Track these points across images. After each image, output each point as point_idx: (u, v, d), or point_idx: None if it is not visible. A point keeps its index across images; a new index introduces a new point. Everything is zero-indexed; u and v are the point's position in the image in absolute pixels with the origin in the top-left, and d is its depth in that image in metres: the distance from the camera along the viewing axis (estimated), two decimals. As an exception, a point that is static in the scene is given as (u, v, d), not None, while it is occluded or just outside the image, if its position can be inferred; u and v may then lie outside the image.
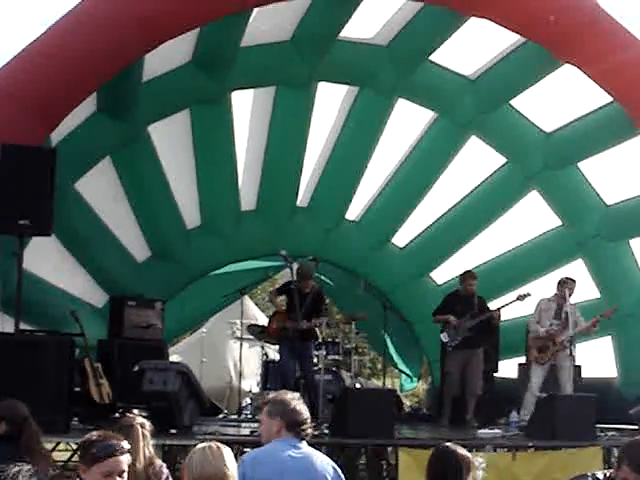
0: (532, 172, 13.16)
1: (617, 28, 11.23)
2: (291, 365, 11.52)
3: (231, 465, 3.84)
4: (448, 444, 4.90)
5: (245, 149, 12.82)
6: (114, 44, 9.69)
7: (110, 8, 9.77)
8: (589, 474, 4.31)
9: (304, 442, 4.95)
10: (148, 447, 5.33)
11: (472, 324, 11.98)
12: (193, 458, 3.89)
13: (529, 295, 12.11)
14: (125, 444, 4.03)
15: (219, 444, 3.96)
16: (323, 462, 4.94)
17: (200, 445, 3.96)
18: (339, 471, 4.96)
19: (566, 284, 11.76)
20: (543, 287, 13.00)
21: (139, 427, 5.31)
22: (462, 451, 4.73)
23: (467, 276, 12.33)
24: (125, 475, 3.97)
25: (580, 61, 11.31)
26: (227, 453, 3.89)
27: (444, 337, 12.14)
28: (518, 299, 12.11)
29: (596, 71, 11.31)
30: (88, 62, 9.63)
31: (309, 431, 5.00)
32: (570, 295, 11.74)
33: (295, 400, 5.01)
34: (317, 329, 12.05)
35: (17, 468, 1.59)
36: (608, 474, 4.23)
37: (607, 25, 11.19)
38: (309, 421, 5.01)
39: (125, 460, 4.05)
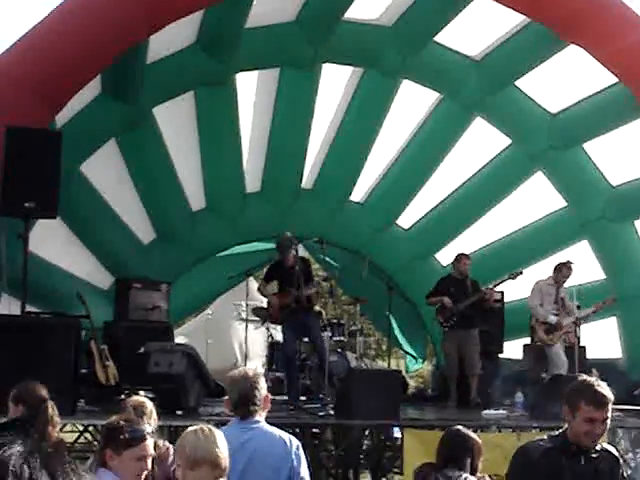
0: (537, 153, 13.14)
1: (623, 10, 11.20)
2: (295, 346, 11.51)
3: (223, 447, 3.84)
4: (460, 427, 4.93)
5: (250, 131, 12.82)
6: (119, 25, 9.68)
7: (114, -10, 9.76)
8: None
9: (257, 421, 4.82)
10: None
11: (465, 305, 12.00)
12: (185, 441, 3.89)
13: (521, 273, 12.13)
14: (148, 427, 4.05)
15: (210, 426, 3.96)
16: (273, 443, 4.81)
17: (191, 428, 3.96)
18: (293, 448, 4.81)
19: (564, 269, 11.77)
20: (545, 269, 13.03)
21: (131, 408, 5.30)
22: (473, 435, 4.77)
23: (460, 258, 12.35)
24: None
25: (586, 42, 11.27)
26: (219, 435, 3.89)
27: (439, 319, 12.17)
28: (510, 277, 12.14)
29: (602, 53, 11.28)
30: (93, 44, 9.62)
31: (254, 408, 4.81)
32: (566, 280, 11.78)
33: (243, 376, 4.89)
34: (323, 312, 12.02)
35: (10, 451, 1.58)
36: (556, 433, 4.37)
37: (613, 7, 11.16)
38: (257, 397, 4.82)
39: (152, 443, 4.09)
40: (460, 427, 4.98)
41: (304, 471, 4.84)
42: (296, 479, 4.81)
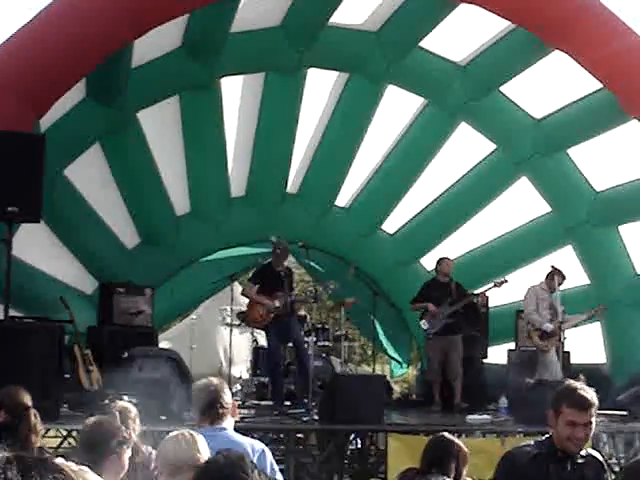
0: (521, 158, 13.16)
1: (608, 16, 11.22)
2: (280, 351, 11.52)
3: (204, 452, 3.82)
4: (445, 433, 4.93)
5: (235, 135, 12.80)
6: (103, 29, 9.65)
7: (99, -7, 9.73)
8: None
9: (223, 428, 4.80)
10: (130, 433, 5.25)
11: (450, 311, 11.99)
12: (165, 446, 3.87)
13: (506, 282, 12.15)
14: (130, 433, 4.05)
15: (192, 431, 3.94)
16: (237, 449, 4.80)
17: (172, 433, 3.94)
18: (255, 455, 4.74)
19: (557, 277, 11.75)
20: (530, 274, 13.06)
21: (117, 413, 5.26)
22: (458, 442, 4.77)
23: (442, 260, 12.35)
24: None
25: (571, 48, 11.29)
26: (200, 440, 3.87)
27: (423, 324, 12.13)
28: (495, 286, 12.16)
29: (587, 59, 11.30)
30: (77, 47, 9.59)
31: (222, 411, 4.81)
32: (559, 287, 11.79)
33: (208, 384, 4.89)
34: (307, 316, 12.00)
35: None
36: (543, 438, 4.37)
37: (598, 13, 11.18)
38: (223, 403, 4.82)
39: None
40: (446, 433, 4.98)
41: (271, 474, 4.79)
42: None
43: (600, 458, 4.46)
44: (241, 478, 2.28)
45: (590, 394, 4.26)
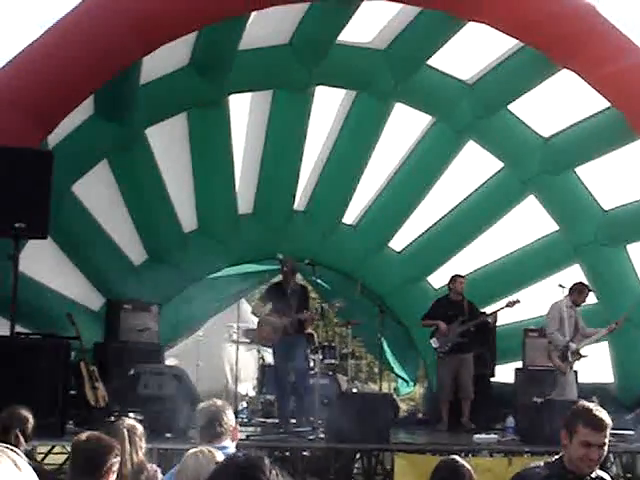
0: (529, 177, 13.15)
1: (616, 34, 11.22)
2: (286, 368, 11.48)
3: None
4: (455, 457, 4.89)
5: (243, 152, 12.81)
6: (112, 46, 9.68)
7: (109, 10, 9.76)
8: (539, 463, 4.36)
9: (224, 447, 4.74)
10: (137, 451, 5.25)
11: (462, 329, 11.93)
12: (186, 463, 3.88)
13: (518, 302, 12.02)
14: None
15: (210, 448, 3.94)
16: None
17: (192, 450, 3.95)
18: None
19: (585, 291, 11.53)
20: (537, 292, 13.01)
21: (125, 431, 5.25)
22: (468, 466, 4.74)
23: (455, 278, 12.29)
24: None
25: (578, 67, 11.30)
26: (219, 456, 3.88)
27: (434, 343, 12.07)
28: (507, 306, 12.05)
29: (595, 77, 11.30)
30: (86, 64, 9.62)
31: (221, 430, 4.80)
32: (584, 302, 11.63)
33: (210, 404, 4.91)
34: (314, 334, 11.97)
35: None
36: (553, 459, 4.30)
37: (606, 31, 11.19)
38: (224, 421, 4.81)
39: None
40: (456, 456, 4.95)
41: None
42: None
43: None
44: (258, 478, 2.27)
45: (605, 415, 4.21)
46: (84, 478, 4.02)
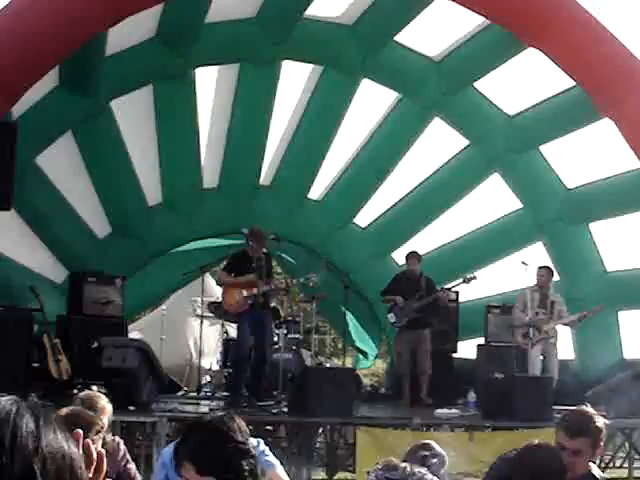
0: (494, 154, 13.22)
1: (587, 19, 11.22)
2: (248, 342, 11.26)
3: None
4: (429, 441, 4.91)
5: (208, 126, 12.77)
6: (77, 17, 9.59)
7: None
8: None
9: None
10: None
11: (419, 305, 12.00)
12: None
13: (475, 278, 12.16)
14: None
15: None
16: None
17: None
18: None
19: (547, 273, 11.83)
20: (500, 270, 13.12)
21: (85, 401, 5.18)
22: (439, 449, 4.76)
23: (411, 256, 12.35)
24: None
25: (548, 49, 11.31)
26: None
27: (391, 317, 12.16)
28: (464, 282, 12.18)
29: (563, 59, 11.32)
30: (50, 35, 9.53)
31: None
32: (547, 283, 11.82)
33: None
34: (280, 309, 11.90)
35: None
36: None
37: (579, 17, 11.20)
38: None
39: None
40: (431, 441, 4.93)
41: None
42: None
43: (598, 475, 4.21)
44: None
45: (589, 422, 4.00)
46: None
